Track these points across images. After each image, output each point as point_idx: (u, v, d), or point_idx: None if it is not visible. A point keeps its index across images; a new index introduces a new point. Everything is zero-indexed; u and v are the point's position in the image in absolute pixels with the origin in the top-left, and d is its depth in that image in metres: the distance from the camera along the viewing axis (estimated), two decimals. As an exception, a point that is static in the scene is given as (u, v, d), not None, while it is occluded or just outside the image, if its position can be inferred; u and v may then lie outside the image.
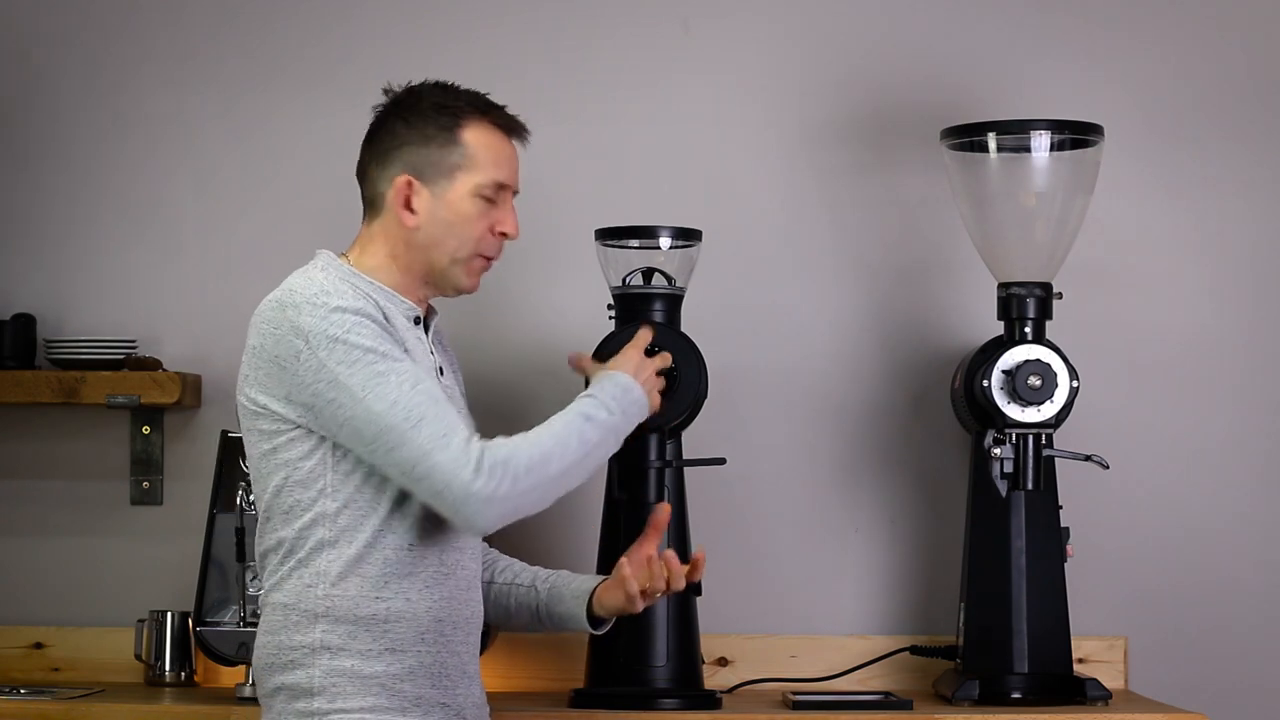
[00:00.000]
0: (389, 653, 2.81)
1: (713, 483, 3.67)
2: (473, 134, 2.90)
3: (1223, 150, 3.85)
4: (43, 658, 3.78)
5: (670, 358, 3.17)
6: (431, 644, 2.84)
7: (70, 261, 3.84)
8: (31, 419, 3.82)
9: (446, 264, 2.91)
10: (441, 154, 2.89)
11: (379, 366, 2.75)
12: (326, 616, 2.79)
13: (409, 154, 2.89)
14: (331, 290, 2.79)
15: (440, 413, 2.75)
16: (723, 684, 3.70)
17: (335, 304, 2.77)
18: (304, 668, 2.80)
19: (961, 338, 3.78)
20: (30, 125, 3.86)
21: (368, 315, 2.78)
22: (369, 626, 2.80)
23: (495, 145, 2.91)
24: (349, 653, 2.79)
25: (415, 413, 2.73)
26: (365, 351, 2.75)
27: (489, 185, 2.90)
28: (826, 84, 3.85)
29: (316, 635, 2.80)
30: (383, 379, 2.74)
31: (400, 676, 2.81)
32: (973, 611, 3.52)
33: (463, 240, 2.90)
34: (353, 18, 3.87)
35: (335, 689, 2.79)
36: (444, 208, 2.89)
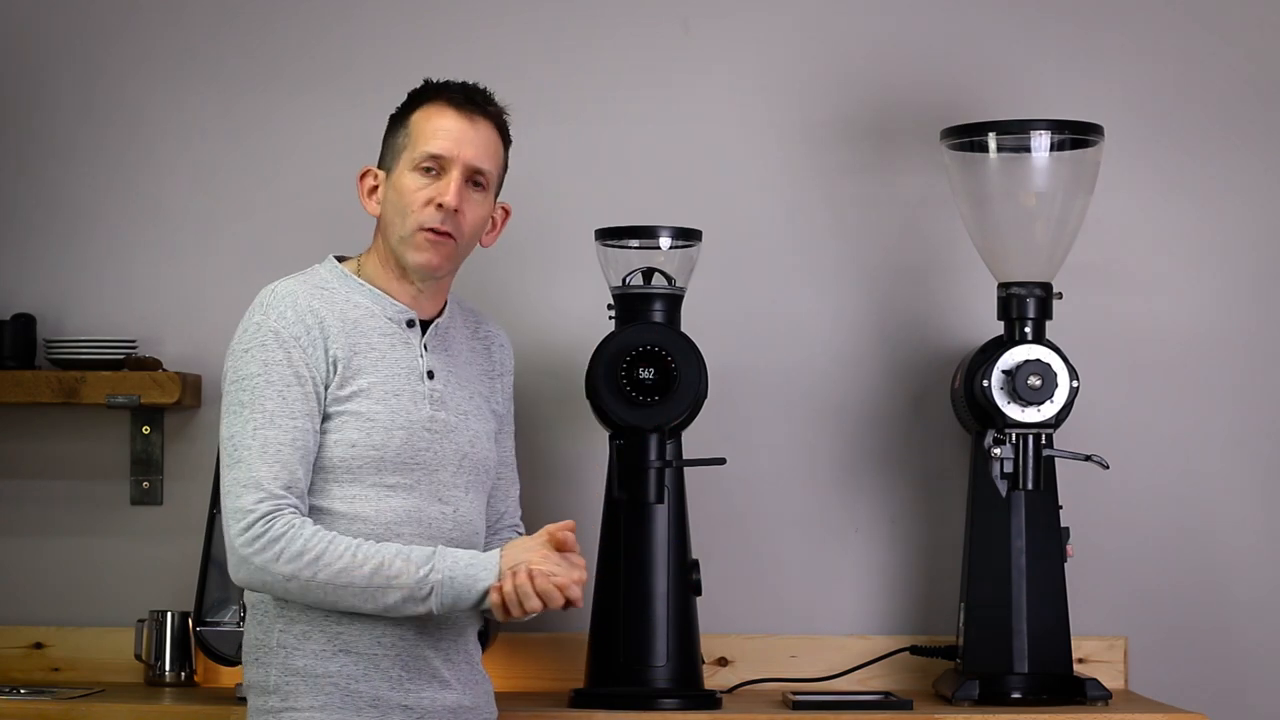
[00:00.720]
0: (343, 654, 2.83)
1: (713, 483, 3.67)
2: (419, 114, 2.93)
3: (1223, 150, 3.85)
4: (43, 658, 3.78)
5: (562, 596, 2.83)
6: (390, 647, 2.84)
7: (70, 261, 3.84)
8: (31, 419, 3.82)
9: (395, 243, 2.92)
10: (395, 139, 2.94)
11: (242, 396, 2.83)
12: (283, 616, 2.84)
13: (383, 149, 2.97)
14: (274, 302, 2.86)
15: (256, 465, 2.79)
16: (723, 684, 3.70)
17: (258, 318, 2.86)
18: (264, 665, 2.85)
19: (961, 338, 3.78)
20: (30, 125, 3.86)
21: (285, 338, 2.83)
22: (323, 627, 2.83)
23: (435, 119, 2.92)
24: (303, 652, 2.83)
25: (236, 454, 2.82)
26: (241, 378, 2.84)
27: (423, 157, 2.90)
28: (826, 84, 3.85)
29: (275, 634, 2.85)
30: (236, 410, 2.84)
31: (355, 677, 2.83)
32: (973, 611, 3.52)
33: (403, 215, 2.91)
34: (353, 18, 3.86)
35: (289, 688, 2.83)
36: (392, 189, 2.93)
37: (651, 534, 3.45)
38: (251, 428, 2.80)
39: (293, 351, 2.83)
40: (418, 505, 2.88)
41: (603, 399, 3.42)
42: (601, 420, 3.48)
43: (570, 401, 3.66)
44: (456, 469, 2.93)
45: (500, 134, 2.97)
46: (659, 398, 3.41)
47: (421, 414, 2.90)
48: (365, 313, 2.91)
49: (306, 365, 2.84)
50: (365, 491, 2.85)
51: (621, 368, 3.40)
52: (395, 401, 2.89)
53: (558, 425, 3.75)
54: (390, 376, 2.89)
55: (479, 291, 3.67)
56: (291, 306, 2.86)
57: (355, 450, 2.85)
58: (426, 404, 2.91)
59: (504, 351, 3.12)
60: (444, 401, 2.94)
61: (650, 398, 3.40)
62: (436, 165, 2.90)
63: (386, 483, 2.86)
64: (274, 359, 2.83)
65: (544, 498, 3.75)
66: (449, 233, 2.90)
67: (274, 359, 2.83)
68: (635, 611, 3.43)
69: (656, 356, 3.40)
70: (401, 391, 2.90)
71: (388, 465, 2.86)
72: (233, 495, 2.79)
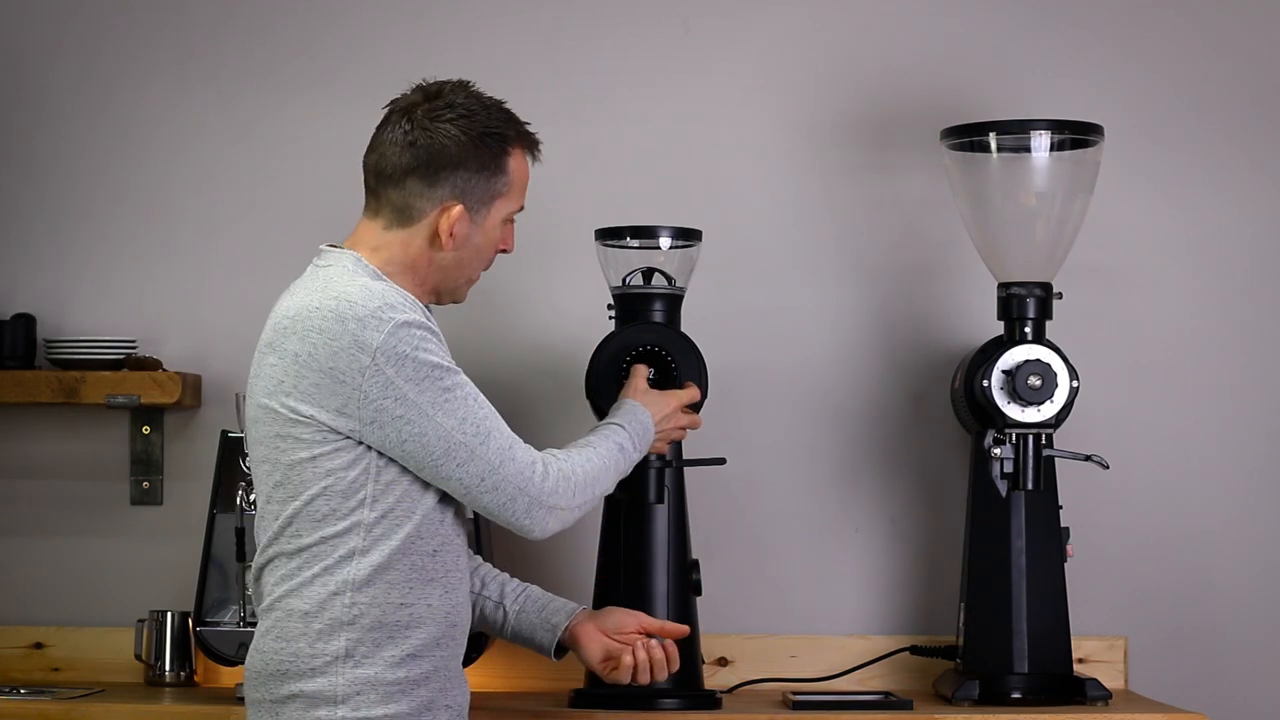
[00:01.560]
0: (410, 659, 2.80)
1: (713, 483, 3.67)
2: (514, 161, 2.91)
3: (1222, 150, 3.85)
4: (43, 658, 3.78)
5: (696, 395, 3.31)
6: (445, 648, 2.84)
7: (70, 261, 3.84)
8: (31, 419, 3.82)
9: (462, 283, 2.94)
10: (489, 183, 2.89)
11: (445, 382, 2.77)
12: (352, 624, 2.77)
13: (462, 179, 2.86)
14: (394, 303, 2.77)
15: (500, 425, 2.83)
16: (723, 684, 3.70)
17: (400, 319, 2.76)
18: (325, 675, 2.76)
19: (961, 338, 3.78)
20: (30, 125, 3.86)
21: (429, 329, 2.79)
22: (392, 633, 2.79)
23: (525, 171, 2.94)
24: (374, 660, 2.78)
25: (483, 427, 2.80)
26: (432, 368, 2.76)
27: (516, 211, 2.95)
28: (827, 84, 3.85)
29: (340, 643, 2.77)
30: (450, 395, 2.77)
31: (418, 681, 2.80)
32: (973, 611, 3.52)
33: (483, 262, 2.95)
34: (352, 18, 3.87)
35: (360, 697, 2.77)
36: (480, 234, 2.90)
37: (651, 534, 3.45)
38: (473, 402, 2.79)
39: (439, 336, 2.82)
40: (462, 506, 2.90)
41: (603, 399, 3.41)
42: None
43: (570, 401, 3.66)
44: None
45: None
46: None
47: None
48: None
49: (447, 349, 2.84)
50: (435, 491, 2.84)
51: (621, 368, 3.40)
52: None
53: (558, 425, 3.75)
54: None
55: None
56: (412, 307, 2.81)
57: None
58: None
59: None
60: None
61: (650, 398, 3.40)
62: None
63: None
64: (437, 346, 2.79)
65: (544, 498, 3.75)
66: None
67: (437, 346, 2.79)
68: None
69: (656, 356, 3.40)
70: None
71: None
72: (507, 462, 2.81)
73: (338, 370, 2.74)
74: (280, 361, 2.78)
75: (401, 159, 2.86)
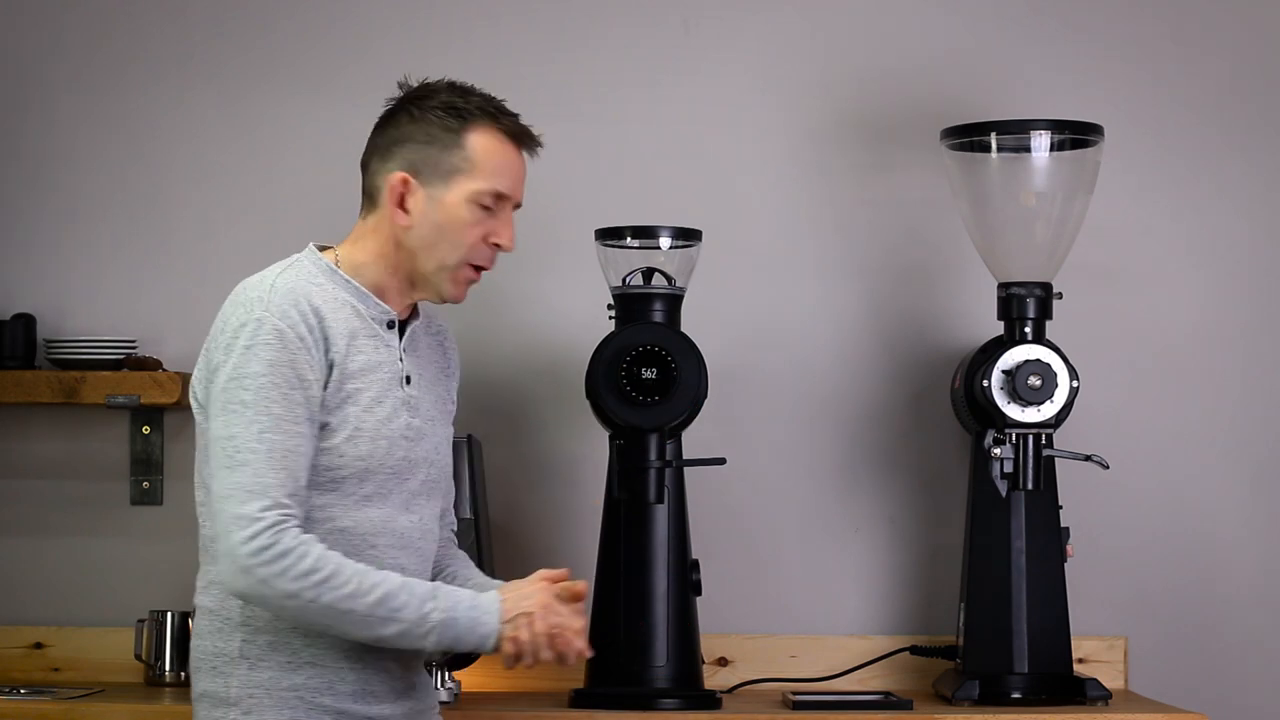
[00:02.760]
0: (309, 666, 2.73)
1: (713, 483, 3.67)
2: (478, 138, 2.80)
3: (1222, 150, 3.85)
4: (43, 658, 3.78)
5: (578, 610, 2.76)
6: (355, 660, 2.74)
7: (70, 261, 3.84)
8: (31, 419, 3.82)
9: (433, 269, 2.81)
10: (443, 155, 2.79)
11: (244, 396, 2.67)
12: (246, 626, 2.73)
13: (411, 151, 2.80)
14: (270, 299, 2.72)
15: (263, 471, 2.64)
16: (723, 684, 3.70)
17: (259, 313, 2.71)
18: (223, 676, 2.73)
19: (961, 338, 3.78)
20: (31, 126, 3.86)
21: (290, 339, 2.70)
22: (288, 638, 2.72)
23: (500, 152, 2.82)
24: (268, 664, 2.72)
25: (240, 457, 2.65)
26: (246, 374, 2.68)
27: (488, 193, 2.80)
28: (827, 84, 3.85)
29: (236, 644, 2.74)
30: (238, 410, 2.67)
31: (320, 690, 2.73)
32: (973, 611, 3.52)
33: (454, 246, 2.80)
34: (352, 18, 3.87)
35: (251, 699, 2.71)
36: (438, 210, 2.79)
37: (651, 534, 3.45)
38: (256, 430, 2.65)
39: (298, 354, 2.70)
40: (390, 515, 2.77)
41: (603, 399, 3.41)
42: (601, 420, 3.48)
43: (570, 401, 3.66)
44: (424, 477, 2.83)
45: None
46: (659, 398, 3.41)
47: (399, 422, 2.79)
48: (352, 312, 2.80)
49: (310, 368, 2.71)
50: (343, 501, 2.74)
51: (621, 368, 3.40)
52: (379, 410, 2.77)
53: (558, 425, 3.75)
54: (375, 382, 2.78)
55: (478, 291, 3.66)
56: (294, 305, 2.73)
57: (343, 460, 2.74)
58: (404, 411, 2.80)
59: (454, 350, 3.01)
60: (418, 408, 2.83)
61: (650, 398, 3.40)
62: (496, 202, 2.81)
63: (364, 492, 2.75)
64: (279, 360, 2.69)
65: (544, 498, 3.75)
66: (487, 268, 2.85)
67: (279, 360, 2.69)
68: (635, 611, 3.43)
69: (656, 356, 3.40)
70: (385, 399, 2.78)
71: (370, 475, 2.75)
72: (235, 500, 2.63)
73: (210, 350, 2.74)
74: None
75: (368, 145, 2.86)
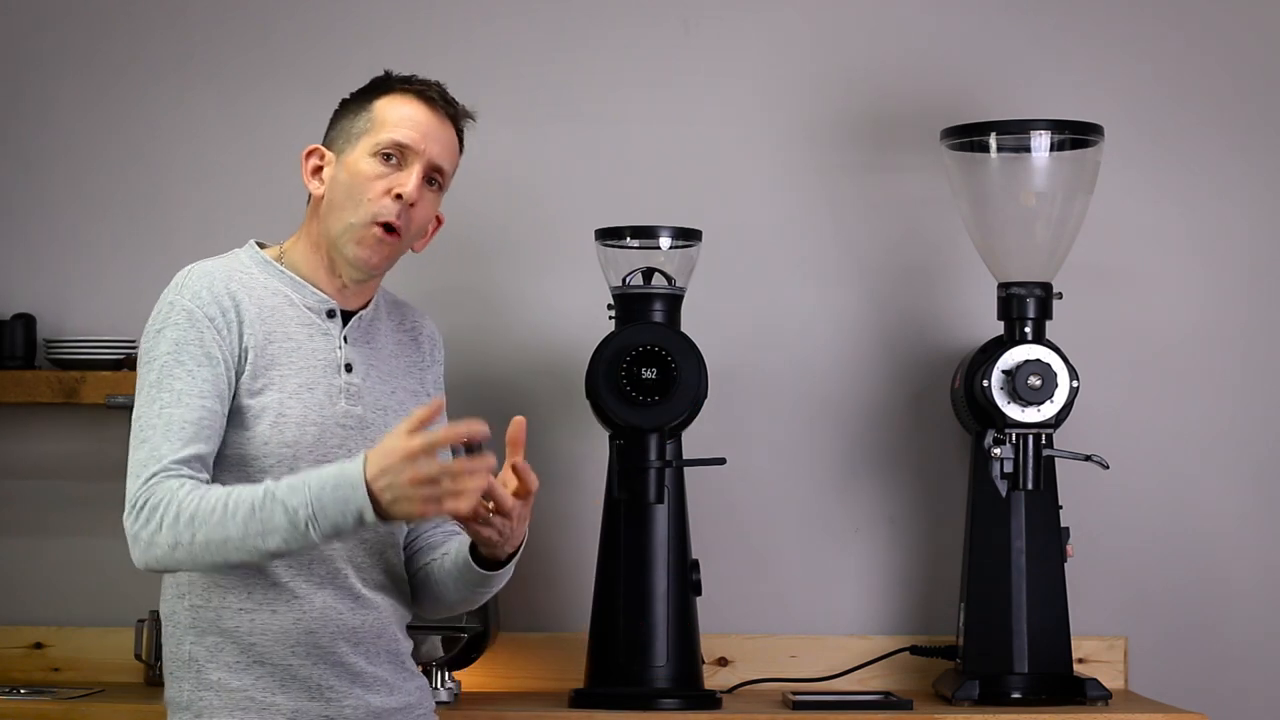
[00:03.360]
0: (257, 665, 2.72)
1: (713, 483, 3.67)
2: (383, 101, 2.83)
3: (1222, 150, 3.85)
4: (43, 658, 3.78)
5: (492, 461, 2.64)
6: (305, 656, 2.72)
7: (70, 261, 3.84)
8: (31, 419, 3.82)
9: (339, 231, 2.80)
10: (353, 123, 2.83)
11: (150, 376, 2.71)
12: (193, 629, 2.74)
13: (333, 131, 2.86)
14: (189, 282, 2.77)
15: (159, 443, 2.65)
16: (723, 684, 3.70)
17: (171, 297, 2.76)
18: (177, 681, 2.75)
19: (961, 338, 3.78)
20: (31, 126, 3.86)
21: (199, 318, 2.73)
22: (234, 638, 2.72)
23: (404, 107, 2.81)
24: (215, 665, 2.72)
25: (142, 434, 2.67)
26: (154, 356, 2.72)
27: (387, 143, 2.79)
28: (826, 84, 3.85)
29: (186, 648, 2.75)
30: (145, 391, 2.70)
31: (271, 689, 2.72)
32: (973, 611, 3.52)
33: (356, 203, 2.79)
34: (352, 17, 3.87)
35: (202, 703, 2.72)
36: (344, 169, 2.81)
37: (651, 534, 3.45)
38: (157, 408, 2.67)
39: (205, 332, 2.72)
40: None
41: (603, 399, 3.42)
42: (601, 420, 3.48)
43: (570, 401, 3.66)
44: None
45: (459, 139, 2.88)
46: (659, 398, 3.41)
47: (336, 409, 2.77)
48: (284, 300, 2.81)
49: (219, 346, 2.72)
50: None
51: (621, 368, 3.40)
52: (309, 396, 2.76)
53: (558, 425, 3.75)
54: (305, 369, 2.77)
55: (478, 291, 3.67)
56: (207, 287, 2.76)
57: (268, 447, 2.72)
58: (342, 398, 2.78)
59: (433, 342, 2.98)
60: (360, 396, 2.81)
61: (650, 398, 3.40)
62: (399, 154, 2.79)
63: None
64: (186, 338, 2.71)
65: (544, 498, 3.73)
66: (398, 230, 2.79)
67: (186, 338, 2.71)
68: (635, 611, 3.43)
69: (656, 356, 3.40)
70: (316, 385, 2.77)
71: (301, 462, 2.72)
72: (132, 477, 2.64)
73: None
74: None
75: None
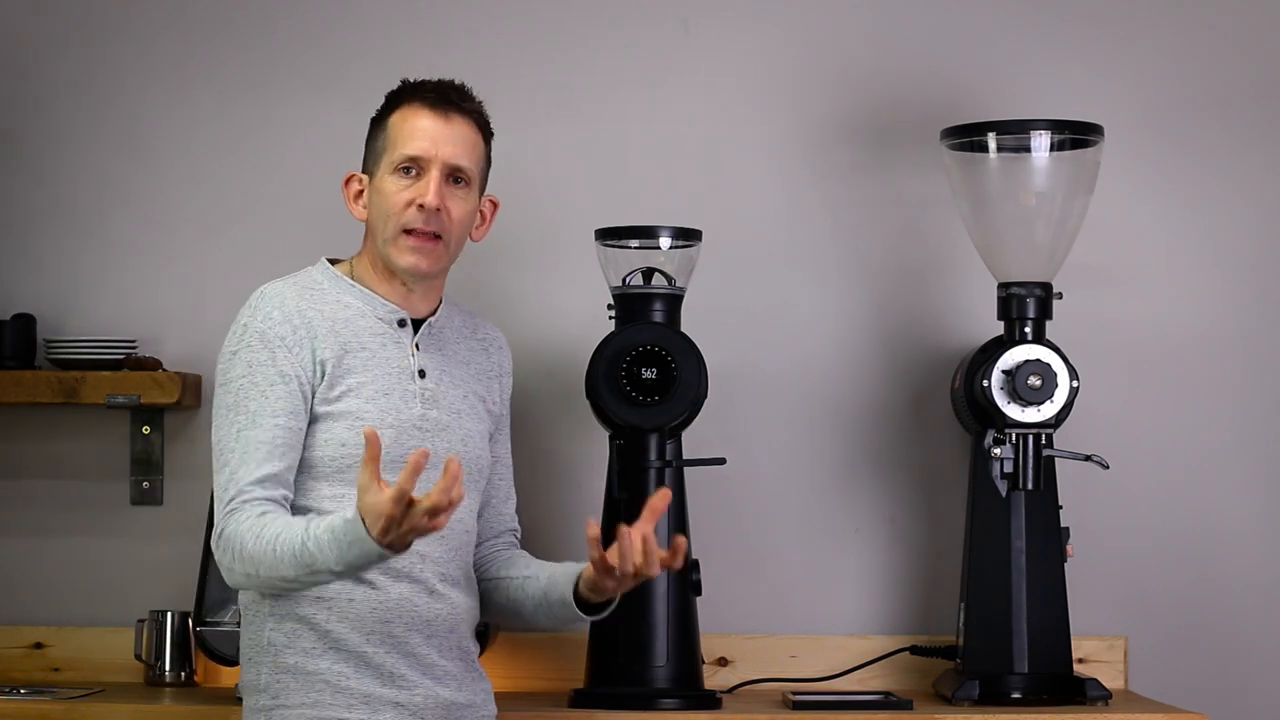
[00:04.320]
0: (333, 651, 2.84)
1: (713, 483, 3.67)
2: (395, 117, 2.93)
3: (1223, 150, 3.85)
4: (43, 658, 3.78)
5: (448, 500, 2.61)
6: (379, 644, 2.85)
7: (70, 261, 3.84)
8: (31, 419, 3.82)
9: (382, 246, 2.92)
10: (375, 144, 2.96)
11: (228, 399, 2.84)
12: (273, 615, 2.86)
13: (365, 151, 2.98)
14: (261, 304, 2.87)
15: (236, 466, 2.80)
16: (723, 684, 3.70)
17: (244, 319, 2.87)
18: (255, 665, 2.87)
19: (961, 338, 3.78)
20: (30, 125, 3.86)
21: (271, 339, 2.84)
22: (311, 624, 2.84)
23: (411, 120, 2.91)
24: (292, 650, 2.84)
25: (222, 459, 2.83)
26: (230, 379, 2.85)
27: (401, 159, 2.90)
28: (826, 84, 3.85)
29: (265, 633, 2.86)
30: (222, 415, 2.85)
31: (345, 674, 2.83)
32: (973, 611, 3.52)
33: (386, 218, 2.91)
34: (352, 18, 3.86)
35: (279, 685, 2.84)
36: (374, 192, 2.94)
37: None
38: (235, 430, 2.82)
39: (278, 352, 2.84)
40: None
41: (603, 399, 3.41)
42: (601, 420, 3.48)
43: (570, 401, 3.66)
44: None
45: (479, 129, 2.95)
46: (659, 398, 3.41)
47: (412, 412, 2.90)
48: (355, 313, 2.92)
49: (291, 365, 2.84)
50: (353, 491, 2.78)
51: (621, 368, 3.40)
52: (385, 400, 2.88)
53: (558, 425, 3.75)
54: (380, 376, 2.89)
55: (478, 291, 3.67)
56: (278, 307, 2.86)
57: (345, 450, 2.85)
58: (418, 403, 2.90)
59: (502, 354, 3.11)
60: (436, 400, 2.93)
61: (650, 398, 3.40)
62: (415, 166, 2.90)
63: None
64: (259, 360, 2.83)
65: (544, 498, 3.75)
66: (434, 233, 2.90)
67: (259, 360, 2.83)
68: (635, 611, 3.43)
69: (656, 356, 3.40)
70: (391, 390, 2.89)
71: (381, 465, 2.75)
72: (216, 500, 2.82)
73: None
74: None
75: None
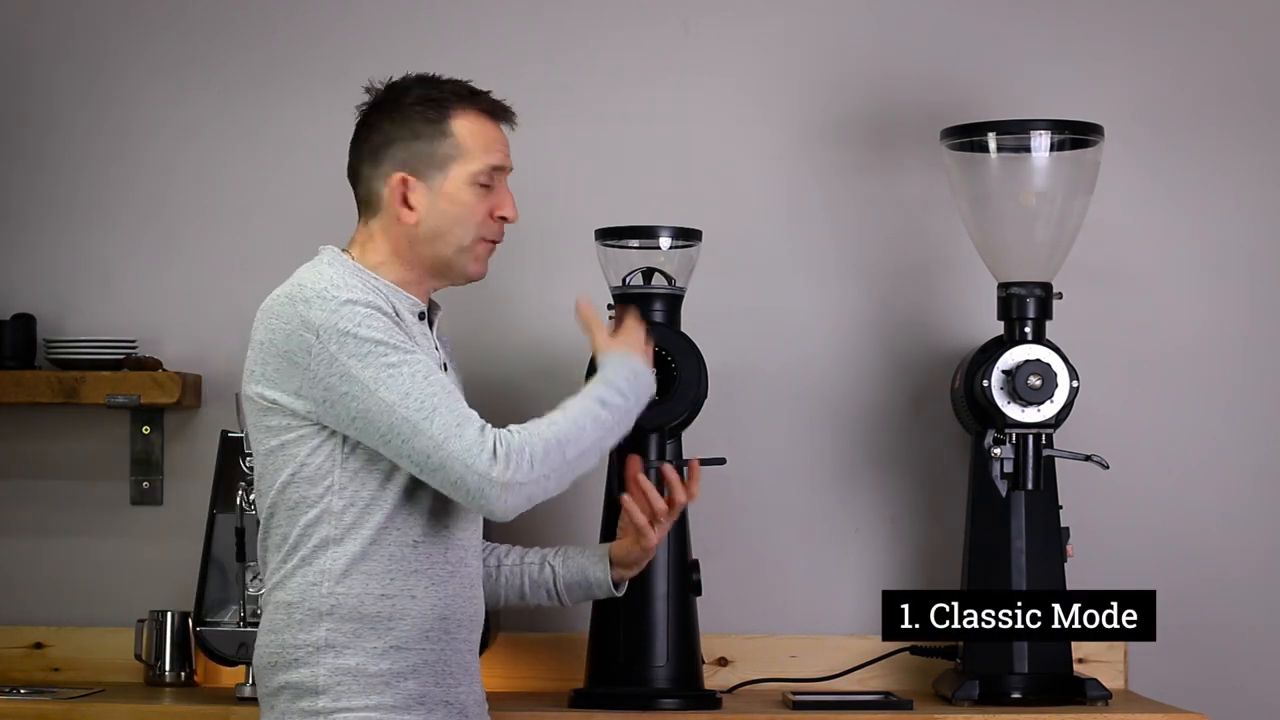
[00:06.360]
0: (394, 650, 2.81)
1: (713, 483, 3.66)
2: (461, 123, 2.91)
3: (1223, 150, 3.85)
4: (43, 658, 3.78)
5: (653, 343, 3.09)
6: (436, 641, 2.84)
7: (70, 261, 3.84)
8: (31, 419, 3.82)
9: (453, 253, 2.91)
10: (432, 147, 2.90)
11: (390, 359, 2.75)
12: (331, 614, 2.79)
13: (400, 151, 2.90)
14: (340, 284, 2.80)
15: (453, 403, 2.76)
16: (723, 684, 3.70)
17: (345, 297, 2.78)
18: (308, 666, 2.79)
19: (961, 338, 3.78)
20: (31, 125, 3.86)
21: (377, 308, 2.79)
22: (374, 624, 2.80)
23: (484, 131, 2.92)
24: (354, 650, 2.79)
25: (428, 404, 2.74)
26: (376, 344, 2.76)
27: (484, 172, 2.90)
28: (826, 84, 3.85)
29: (321, 633, 2.79)
30: (394, 371, 2.75)
31: (404, 674, 2.81)
32: (973, 611, 3.52)
33: (466, 228, 2.90)
34: (352, 17, 3.87)
35: (340, 687, 2.78)
36: (443, 200, 2.90)
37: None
38: (420, 379, 2.75)
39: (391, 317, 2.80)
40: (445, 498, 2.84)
41: (603, 399, 3.41)
42: (601, 420, 3.48)
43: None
44: None
45: None
46: (659, 398, 3.40)
47: None
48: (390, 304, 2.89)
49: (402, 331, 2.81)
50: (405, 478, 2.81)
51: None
52: None
53: (558, 425, 3.75)
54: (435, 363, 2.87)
55: (478, 291, 3.66)
56: (361, 287, 2.81)
57: None
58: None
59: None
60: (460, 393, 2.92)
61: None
62: (493, 178, 2.92)
63: None
64: (385, 324, 2.77)
65: (544, 498, 3.75)
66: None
67: (385, 324, 2.77)
68: (635, 611, 3.43)
69: (657, 356, 3.40)
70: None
71: None
72: (451, 440, 2.72)
73: (291, 353, 2.77)
74: (251, 351, 2.84)
75: (351, 156, 2.97)
